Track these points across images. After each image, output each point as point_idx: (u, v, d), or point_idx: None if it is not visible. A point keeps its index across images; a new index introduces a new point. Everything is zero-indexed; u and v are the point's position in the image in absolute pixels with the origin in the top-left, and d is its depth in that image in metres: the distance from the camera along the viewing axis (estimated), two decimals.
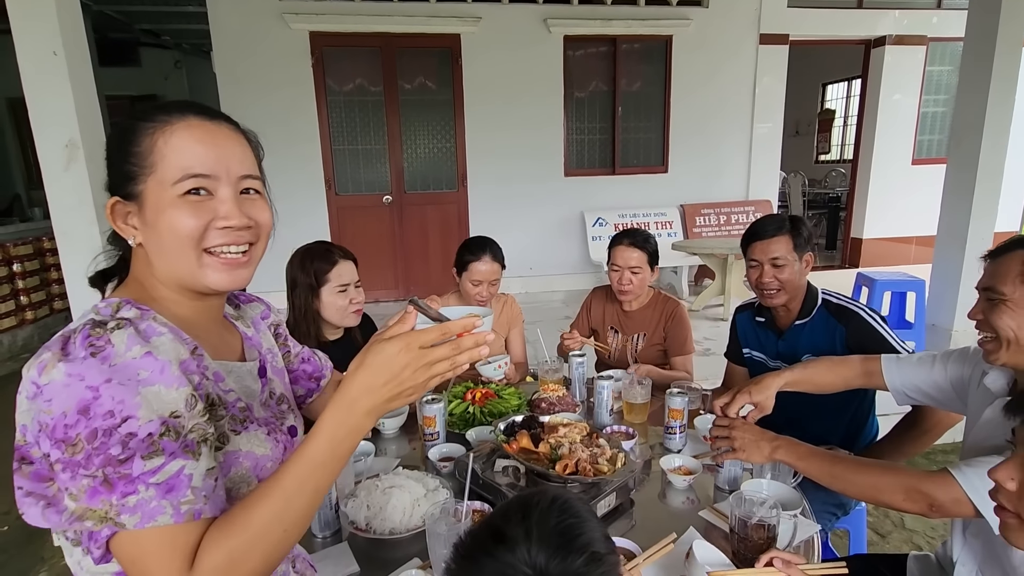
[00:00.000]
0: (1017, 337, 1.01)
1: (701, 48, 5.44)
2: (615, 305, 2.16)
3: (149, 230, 0.65)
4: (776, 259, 1.63)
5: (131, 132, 0.64)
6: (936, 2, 5.85)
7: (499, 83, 5.22)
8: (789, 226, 1.66)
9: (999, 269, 1.05)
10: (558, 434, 1.28)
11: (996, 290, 1.03)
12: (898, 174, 6.13)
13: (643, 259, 2.03)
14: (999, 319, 1.02)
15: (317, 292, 1.65)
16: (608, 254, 2.09)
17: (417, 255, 5.32)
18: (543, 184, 5.49)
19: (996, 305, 1.03)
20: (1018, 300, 1.00)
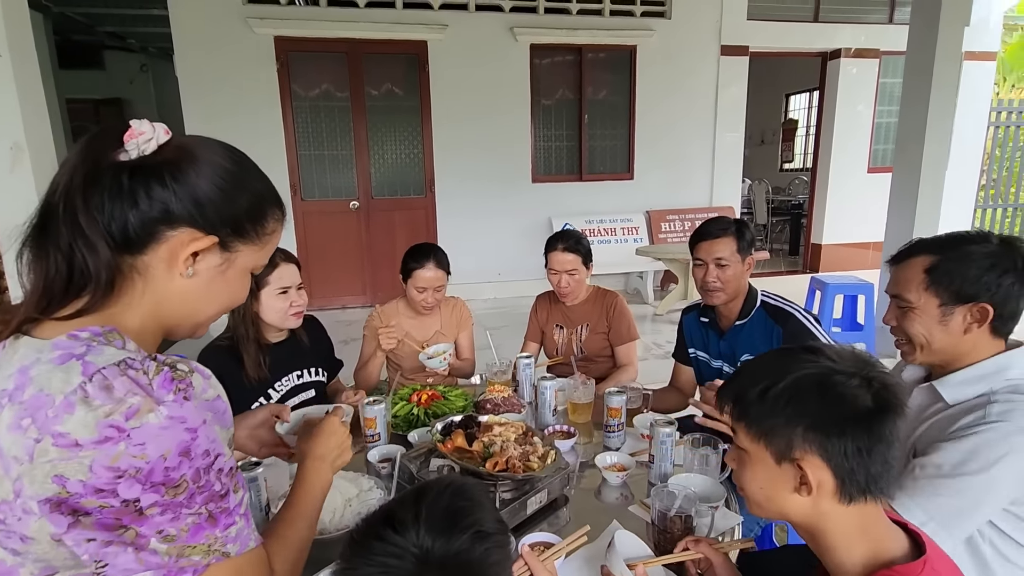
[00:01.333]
0: (929, 342, 1.06)
1: (665, 58, 5.56)
2: (558, 305, 2.24)
3: (216, 280, 0.67)
4: (720, 259, 1.69)
5: (270, 204, 0.70)
6: (888, 18, 6.09)
7: (466, 90, 5.26)
8: (734, 229, 1.71)
9: (902, 276, 1.08)
10: (492, 433, 1.30)
11: (903, 298, 1.07)
12: (855, 182, 6.34)
13: (577, 260, 2.11)
14: (911, 327, 1.07)
15: (256, 295, 1.64)
16: (544, 259, 2.17)
17: (385, 261, 5.30)
18: (511, 190, 5.54)
19: (906, 313, 1.07)
20: (924, 307, 1.04)
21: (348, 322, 4.92)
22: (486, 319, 4.85)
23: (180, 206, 0.61)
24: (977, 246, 1.02)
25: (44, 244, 0.59)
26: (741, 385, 0.75)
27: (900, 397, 0.69)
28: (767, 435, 0.71)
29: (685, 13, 5.52)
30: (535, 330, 2.32)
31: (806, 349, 0.73)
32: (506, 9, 5.22)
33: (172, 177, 0.60)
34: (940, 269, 1.02)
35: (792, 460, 0.69)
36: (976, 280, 1.00)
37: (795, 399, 0.68)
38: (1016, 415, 0.93)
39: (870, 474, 0.67)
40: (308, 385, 1.78)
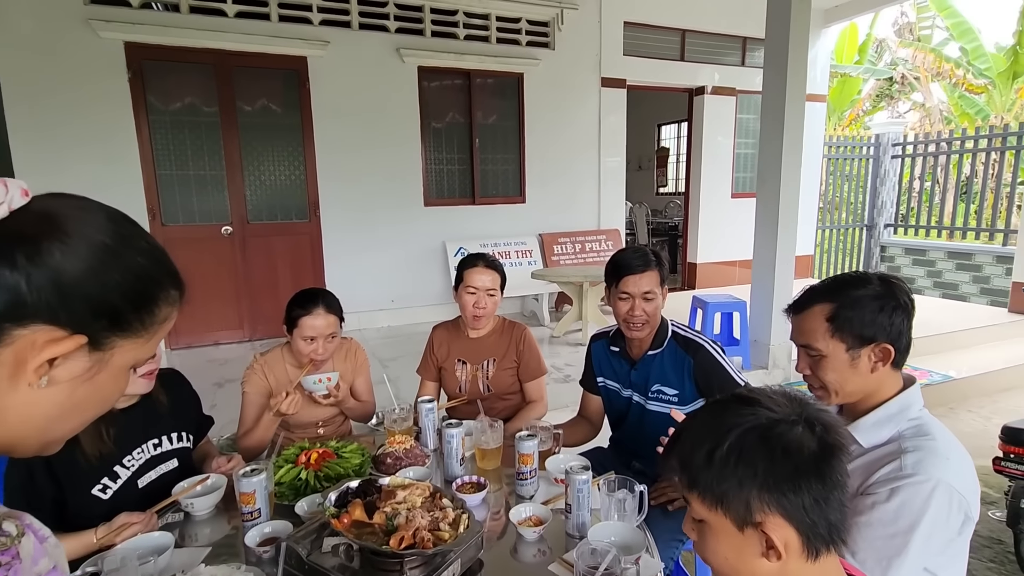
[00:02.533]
0: (843, 386, 1.11)
1: (551, 86, 5.74)
2: (460, 336, 2.09)
3: (81, 388, 0.51)
4: (647, 293, 1.68)
5: (162, 286, 0.54)
6: (741, 61, 6.81)
7: (352, 110, 5.02)
8: (656, 262, 1.72)
9: (806, 326, 1.13)
10: (396, 500, 1.16)
11: (813, 348, 1.12)
12: (721, 206, 6.96)
13: (497, 281, 2.00)
14: (825, 375, 1.11)
15: None
16: (460, 277, 2.02)
17: (265, 291, 4.85)
18: (403, 214, 5.36)
19: (818, 361, 1.12)
20: (833, 352, 1.09)
21: (222, 360, 4.42)
22: (380, 349, 4.60)
23: (36, 296, 0.45)
24: (863, 290, 1.09)
25: None
26: (684, 450, 0.69)
27: (842, 434, 0.68)
28: (723, 502, 0.66)
29: (568, 46, 5.75)
30: (431, 368, 2.13)
31: (740, 400, 0.70)
32: (391, 30, 5.09)
33: (27, 257, 0.44)
34: (840, 316, 1.08)
35: (755, 524, 0.65)
36: (872, 322, 1.06)
37: (743, 458, 0.65)
38: (927, 465, 0.98)
39: (831, 523, 0.65)
40: (168, 455, 1.50)
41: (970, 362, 4.41)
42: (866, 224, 8.16)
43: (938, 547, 0.97)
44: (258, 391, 1.85)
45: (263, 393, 1.84)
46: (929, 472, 0.97)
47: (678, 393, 1.73)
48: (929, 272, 7.42)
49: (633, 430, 1.83)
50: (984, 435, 3.27)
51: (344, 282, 5.08)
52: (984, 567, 2.25)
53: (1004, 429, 2.19)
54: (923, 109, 11.82)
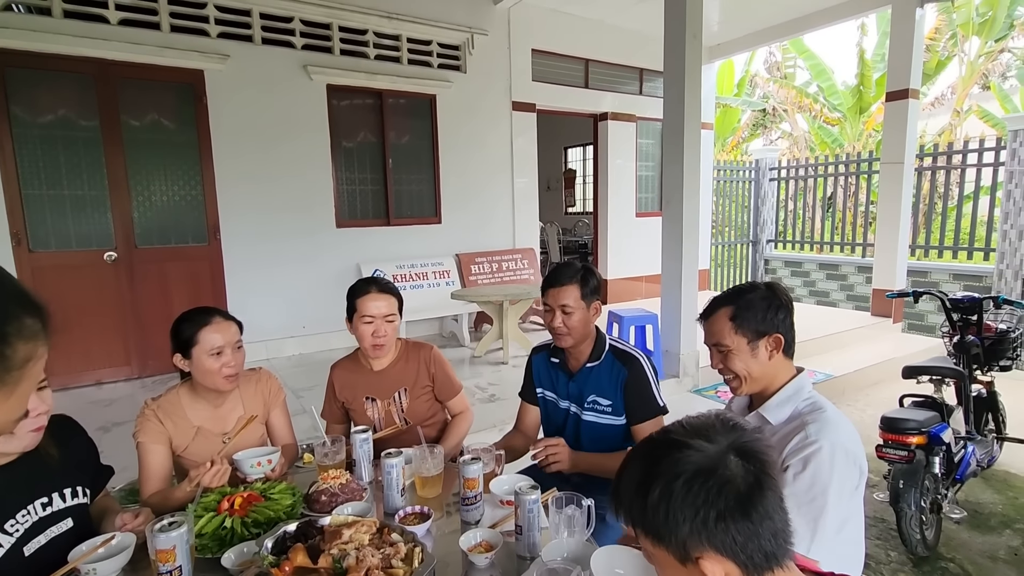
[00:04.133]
0: (750, 372, 1.35)
1: (463, 109, 5.81)
2: (363, 371, 1.95)
3: None
4: (565, 306, 1.73)
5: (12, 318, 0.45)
6: (639, 90, 7.31)
7: (256, 127, 4.77)
8: (579, 277, 1.77)
9: (714, 328, 1.37)
10: (342, 540, 1.09)
11: (722, 344, 1.36)
12: (626, 225, 7.36)
13: (394, 304, 1.88)
14: (734, 365, 1.35)
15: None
16: (352, 307, 1.87)
17: (157, 322, 4.41)
18: (314, 236, 5.13)
19: (727, 355, 1.36)
20: (737, 345, 1.34)
21: (107, 401, 3.96)
22: (293, 379, 4.33)
23: None
24: (753, 294, 1.35)
25: None
26: (622, 492, 0.73)
27: (771, 467, 0.70)
28: (661, 540, 0.69)
29: (479, 70, 5.87)
30: (336, 410, 1.99)
31: (670, 444, 0.71)
32: (298, 46, 4.92)
33: None
34: (739, 316, 1.33)
35: (694, 560, 0.67)
36: (763, 319, 1.33)
37: (673, 504, 0.67)
38: (827, 431, 1.21)
39: (767, 552, 0.67)
40: (61, 514, 1.30)
41: (845, 361, 4.97)
42: (751, 240, 8.99)
43: (846, 499, 1.16)
44: (155, 439, 1.64)
45: (162, 441, 1.65)
46: (829, 438, 1.19)
47: (611, 403, 1.79)
48: (805, 282, 8.29)
49: (570, 441, 1.86)
50: (862, 425, 3.68)
51: (249, 309, 4.76)
52: (872, 545, 2.52)
53: (882, 419, 2.48)
54: (791, 137, 13.31)
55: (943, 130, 11.69)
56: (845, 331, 5.68)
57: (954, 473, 2.60)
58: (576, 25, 6.48)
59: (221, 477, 1.45)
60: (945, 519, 2.57)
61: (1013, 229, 5.99)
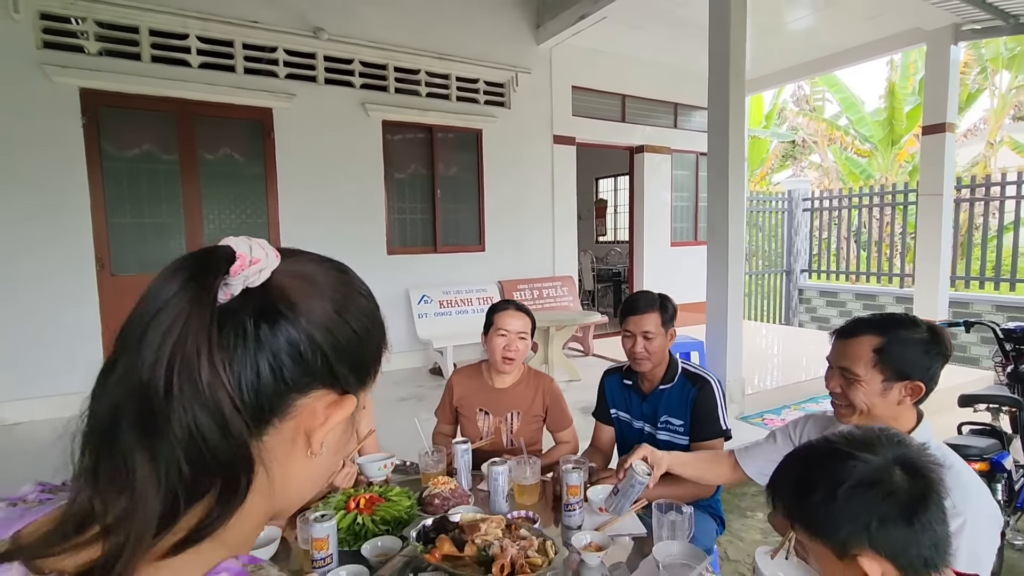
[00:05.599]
0: (869, 409, 1.25)
1: (507, 142, 6.07)
2: (483, 384, 2.09)
3: (336, 448, 0.50)
4: (647, 332, 1.86)
5: (385, 334, 0.52)
6: (673, 123, 7.52)
7: (317, 160, 5.07)
8: (659, 304, 1.91)
9: (851, 351, 1.26)
10: (481, 532, 1.23)
11: (852, 371, 1.25)
12: (662, 254, 7.49)
13: (527, 325, 2.02)
14: (855, 396, 1.25)
15: None
16: (490, 321, 2.03)
17: None
18: (366, 262, 5.36)
19: (852, 383, 1.25)
20: (869, 380, 1.23)
21: None
22: None
23: (314, 360, 0.43)
24: (911, 332, 1.23)
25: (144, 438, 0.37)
26: (785, 489, 0.81)
27: (936, 483, 0.74)
28: (821, 536, 0.76)
29: (522, 105, 6.14)
30: (449, 412, 2.14)
31: (833, 453, 0.77)
32: (357, 85, 5.25)
33: (307, 319, 0.43)
34: (886, 351, 1.21)
35: (851, 557, 0.73)
36: (914, 362, 1.21)
37: (834, 506, 0.73)
38: (969, 498, 1.07)
39: (926, 559, 0.72)
40: None
41: None
42: (784, 270, 9.02)
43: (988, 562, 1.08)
44: None
45: None
46: (972, 506, 1.06)
47: (683, 424, 1.91)
48: (841, 312, 8.25)
49: None
50: None
51: None
52: None
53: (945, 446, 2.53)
54: (820, 168, 13.38)
55: (976, 160, 11.67)
56: None
57: (1015, 501, 2.61)
58: (613, 62, 6.75)
59: (350, 479, 1.61)
60: (1008, 547, 2.58)
61: None
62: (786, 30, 6.22)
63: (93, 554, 0.37)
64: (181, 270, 0.41)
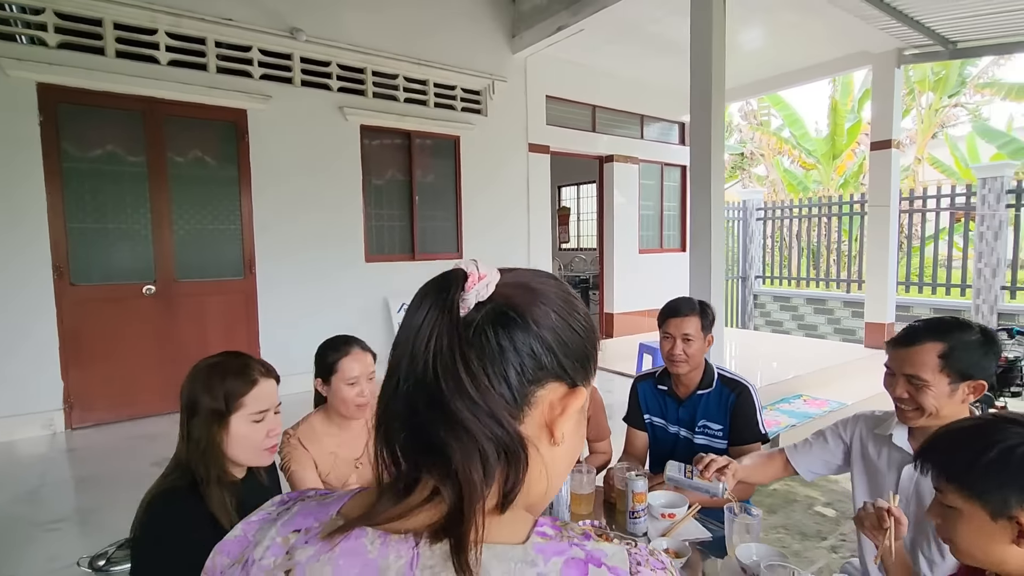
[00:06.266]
0: (939, 411, 1.30)
1: (484, 149, 6.07)
2: None
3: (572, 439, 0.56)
4: (687, 335, 1.90)
5: None
6: (640, 134, 7.75)
7: (294, 164, 4.90)
8: (699, 309, 1.95)
9: (916, 359, 1.31)
10: None
11: (920, 378, 1.30)
12: (630, 261, 7.67)
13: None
14: (925, 399, 1.31)
15: (225, 421, 1.26)
16: None
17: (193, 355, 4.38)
18: (344, 270, 5.22)
19: (920, 389, 1.31)
20: (937, 384, 1.29)
21: (149, 436, 3.91)
22: None
23: (546, 356, 0.50)
24: (968, 335, 1.30)
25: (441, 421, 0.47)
26: (948, 452, 0.88)
27: None
28: (977, 496, 0.83)
29: (499, 113, 6.16)
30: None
31: (1005, 419, 0.86)
32: (334, 88, 5.12)
33: (534, 321, 0.50)
34: (951, 356, 1.28)
35: (1009, 517, 0.81)
36: (977, 364, 1.29)
37: (1008, 467, 0.81)
38: None
39: None
40: None
41: (852, 390, 5.28)
42: (740, 276, 9.44)
43: None
44: (306, 466, 1.72)
45: (311, 467, 1.74)
46: None
47: (722, 428, 1.97)
48: (793, 316, 8.72)
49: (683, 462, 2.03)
50: None
51: (280, 342, 4.79)
52: None
53: None
54: (767, 181, 14.12)
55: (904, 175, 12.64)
56: (844, 363, 6.02)
57: None
58: (584, 74, 6.90)
59: None
60: None
61: (987, 267, 6.53)
62: (742, 50, 6.55)
63: (433, 515, 0.46)
64: (428, 293, 0.50)
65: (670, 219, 8.29)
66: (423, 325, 0.48)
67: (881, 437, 1.52)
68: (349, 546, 0.46)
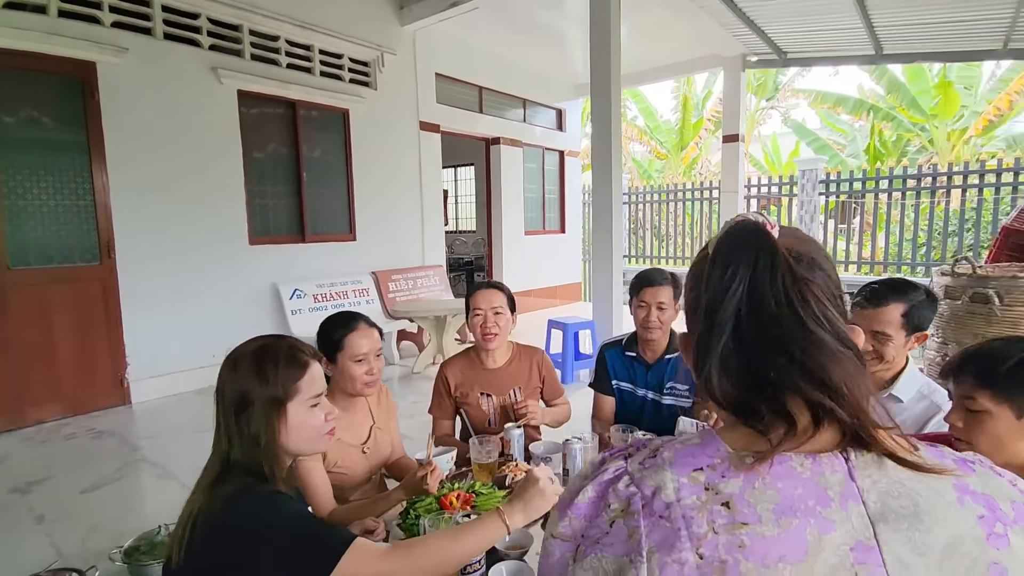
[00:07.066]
0: (895, 358, 1.53)
1: (375, 125, 5.77)
2: (477, 369, 2.08)
3: None
4: (661, 303, 2.03)
5: None
6: (523, 118, 7.93)
7: (158, 130, 4.20)
8: (671, 279, 2.09)
9: (883, 317, 1.50)
10: None
11: (885, 333, 1.49)
12: (517, 242, 7.88)
13: (503, 300, 2.03)
14: (888, 351, 1.51)
15: (283, 411, 1.10)
16: (467, 307, 2.06)
17: (37, 358, 3.61)
18: (225, 254, 4.64)
19: (885, 343, 1.50)
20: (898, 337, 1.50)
21: None
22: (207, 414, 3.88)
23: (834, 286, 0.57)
24: (919, 294, 1.52)
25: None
26: (983, 363, 1.05)
27: None
28: (1011, 399, 1.01)
29: (389, 88, 5.89)
30: (448, 406, 2.09)
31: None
32: (205, 46, 4.47)
33: (820, 264, 0.56)
34: (911, 313, 1.49)
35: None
36: (926, 318, 1.52)
37: None
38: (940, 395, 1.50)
39: None
40: None
41: None
42: None
43: None
44: (314, 456, 1.60)
45: (318, 456, 1.61)
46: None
47: (688, 388, 2.16)
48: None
49: (650, 423, 2.19)
50: None
51: (150, 338, 4.16)
52: None
53: None
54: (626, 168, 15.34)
55: None
56: None
57: None
58: (472, 54, 6.86)
59: (438, 478, 1.49)
60: None
61: None
62: None
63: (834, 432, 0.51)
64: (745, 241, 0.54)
65: (551, 202, 8.64)
66: (758, 267, 0.52)
67: None
68: (778, 471, 0.49)
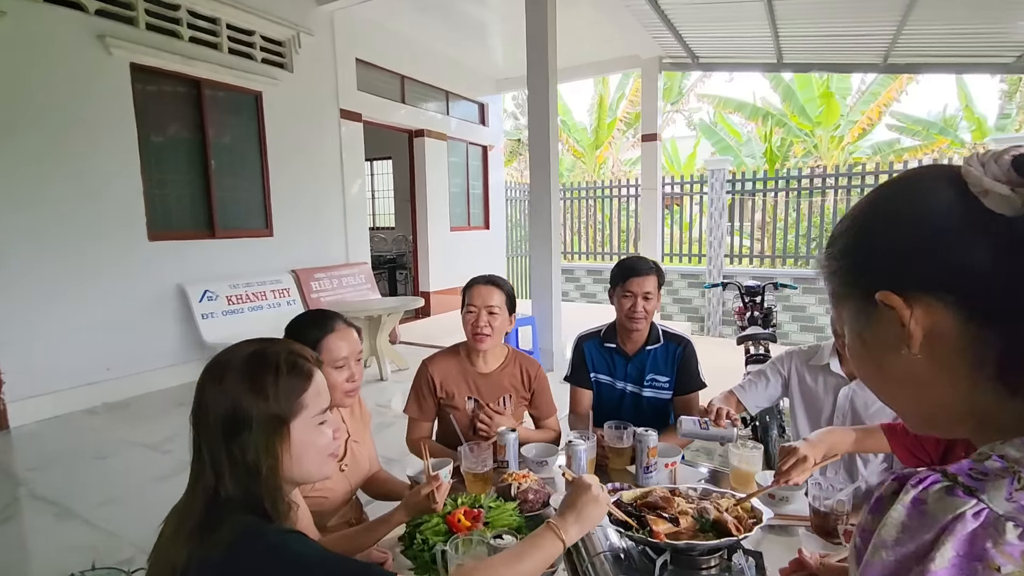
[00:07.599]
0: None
1: (292, 111, 5.31)
2: (467, 370, 1.90)
3: None
4: (647, 293, 1.97)
5: None
6: (446, 111, 7.71)
7: (31, 106, 3.55)
8: (656, 269, 2.03)
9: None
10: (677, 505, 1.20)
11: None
12: (443, 239, 7.65)
13: (501, 298, 1.86)
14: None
15: (286, 431, 0.87)
16: (462, 297, 1.88)
17: None
18: (119, 252, 4.03)
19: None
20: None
21: None
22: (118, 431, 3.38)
23: None
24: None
25: None
26: None
27: None
28: None
29: (307, 71, 5.44)
30: (431, 406, 1.89)
31: None
32: (90, 10, 3.84)
33: None
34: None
35: None
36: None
37: None
38: None
39: None
40: None
41: None
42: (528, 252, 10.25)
43: None
44: None
45: None
46: None
47: (668, 380, 2.12)
48: (576, 286, 9.84)
49: (629, 416, 2.12)
50: None
51: (27, 351, 3.53)
52: None
53: None
54: None
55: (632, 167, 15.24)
56: None
57: None
58: (394, 40, 6.54)
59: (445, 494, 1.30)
60: None
61: (715, 239, 8.35)
62: None
63: None
64: None
65: (475, 198, 8.49)
66: None
67: (817, 367, 1.84)
68: None
